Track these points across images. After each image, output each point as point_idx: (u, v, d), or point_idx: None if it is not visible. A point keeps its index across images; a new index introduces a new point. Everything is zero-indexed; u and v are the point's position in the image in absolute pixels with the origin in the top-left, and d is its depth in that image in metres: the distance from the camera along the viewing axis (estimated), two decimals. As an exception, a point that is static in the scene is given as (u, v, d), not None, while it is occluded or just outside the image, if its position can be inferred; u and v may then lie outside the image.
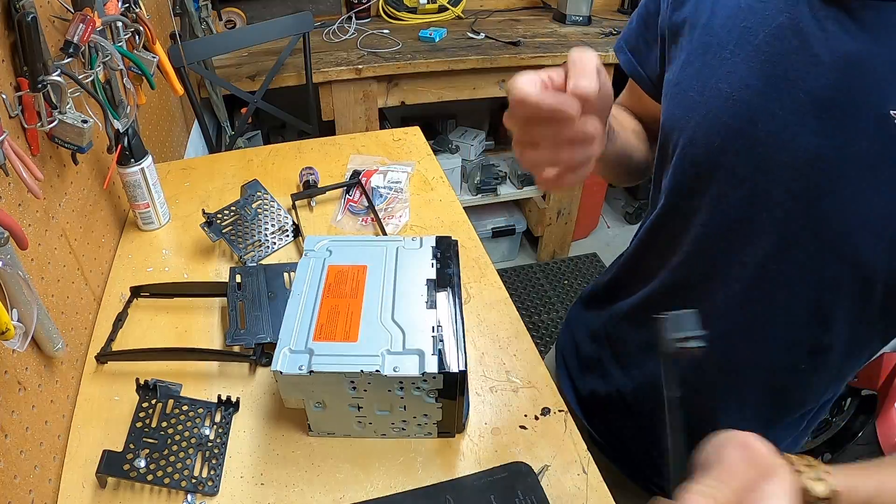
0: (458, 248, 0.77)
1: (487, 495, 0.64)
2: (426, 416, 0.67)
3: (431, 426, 0.68)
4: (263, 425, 0.72)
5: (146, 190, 0.98)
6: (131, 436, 0.68)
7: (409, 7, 2.25)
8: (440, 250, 0.76)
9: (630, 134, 0.75)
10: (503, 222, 2.52)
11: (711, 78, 0.60)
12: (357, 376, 0.62)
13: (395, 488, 0.65)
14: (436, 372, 0.61)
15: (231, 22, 2.07)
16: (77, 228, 0.85)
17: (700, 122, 0.61)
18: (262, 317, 0.81)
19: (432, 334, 0.64)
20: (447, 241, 0.77)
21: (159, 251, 0.99)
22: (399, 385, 0.62)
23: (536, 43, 2.05)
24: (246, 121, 1.83)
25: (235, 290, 0.85)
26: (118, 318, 0.85)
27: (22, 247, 0.58)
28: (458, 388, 0.63)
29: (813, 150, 0.54)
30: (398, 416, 0.67)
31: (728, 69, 0.58)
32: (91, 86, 0.83)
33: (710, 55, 0.60)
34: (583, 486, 0.66)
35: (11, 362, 0.61)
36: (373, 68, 1.90)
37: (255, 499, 0.65)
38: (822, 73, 0.53)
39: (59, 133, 0.75)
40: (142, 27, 0.97)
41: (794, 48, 0.54)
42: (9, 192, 0.65)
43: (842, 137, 0.53)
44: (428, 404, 0.65)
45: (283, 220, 1.02)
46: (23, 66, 0.68)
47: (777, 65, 0.55)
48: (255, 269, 0.88)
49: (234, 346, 0.79)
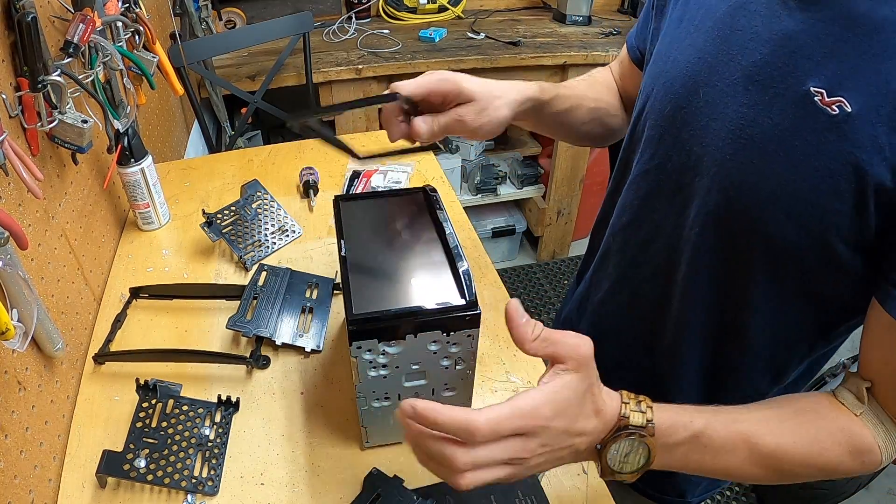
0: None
1: (487, 495, 0.64)
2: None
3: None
4: (263, 425, 0.72)
5: (146, 190, 0.98)
6: (131, 436, 0.67)
7: (409, 7, 2.25)
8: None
9: (579, 105, 0.81)
10: (503, 222, 2.52)
11: (675, 50, 0.64)
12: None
13: (395, 488, 0.65)
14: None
15: (231, 22, 2.07)
16: (77, 228, 0.85)
17: (658, 90, 0.66)
18: (270, 315, 0.81)
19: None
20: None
21: (159, 251, 0.99)
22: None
23: (536, 43, 2.05)
24: (246, 121, 1.83)
25: (256, 283, 0.85)
26: (116, 319, 0.85)
27: (22, 247, 0.58)
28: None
29: (737, 120, 0.57)
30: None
31: (689, 42, 0.62)
32: (91, 86, 0.83)
33: (681, 28, 0.65)
34: (583, 486, 0.66)
35: (11, 362, 0.61)
36: (373, 68, 1.90)
37: (255, 499, 0.65)
38: (757, 48, 0.55)
39: (59, 133, 0.75)
40: (142, 27, 0.97)
41: (742, 25, 0.57)
42: (9, 192, 0.65)
43: (763, 110, 0.55)
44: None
45: (283, 220, 1.03)
46: (23, 66, 0.68)
47: (726, 39, 0.58)
48: (282, 272, 0.88)
49: (233, 330, 0.79)
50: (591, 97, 0.82)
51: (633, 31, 0.81)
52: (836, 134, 0.50)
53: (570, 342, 0.48)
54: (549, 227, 2.47)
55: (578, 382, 0.47)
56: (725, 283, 0.63)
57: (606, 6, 2.41)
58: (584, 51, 1.99)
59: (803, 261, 0.56)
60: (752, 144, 0.55)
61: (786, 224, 0.55)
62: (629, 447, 0.50)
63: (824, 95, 0.50)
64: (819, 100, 0.51)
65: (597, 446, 0.50)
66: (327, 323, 0.84)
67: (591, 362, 0.48)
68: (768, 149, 0.54)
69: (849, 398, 0.55)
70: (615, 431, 0.49)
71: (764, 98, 0.55)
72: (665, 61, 0.66)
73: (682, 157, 0.63)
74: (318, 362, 0.80)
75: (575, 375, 0.47)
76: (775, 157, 0.54)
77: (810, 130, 0.51)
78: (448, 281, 0.59)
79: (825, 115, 0.50)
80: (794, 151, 0.53)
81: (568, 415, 0.47)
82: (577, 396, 0.47)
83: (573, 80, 0.85)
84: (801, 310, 0.61)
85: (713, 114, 0.59)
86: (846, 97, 0.49)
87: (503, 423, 0.44)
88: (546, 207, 2.41)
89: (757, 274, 0.60)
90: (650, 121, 0.67)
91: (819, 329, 0.63)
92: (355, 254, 0.63)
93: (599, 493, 0.66)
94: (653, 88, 0.67)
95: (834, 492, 1.58)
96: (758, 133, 0.55)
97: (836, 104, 0.50)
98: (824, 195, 0.52)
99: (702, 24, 0.61)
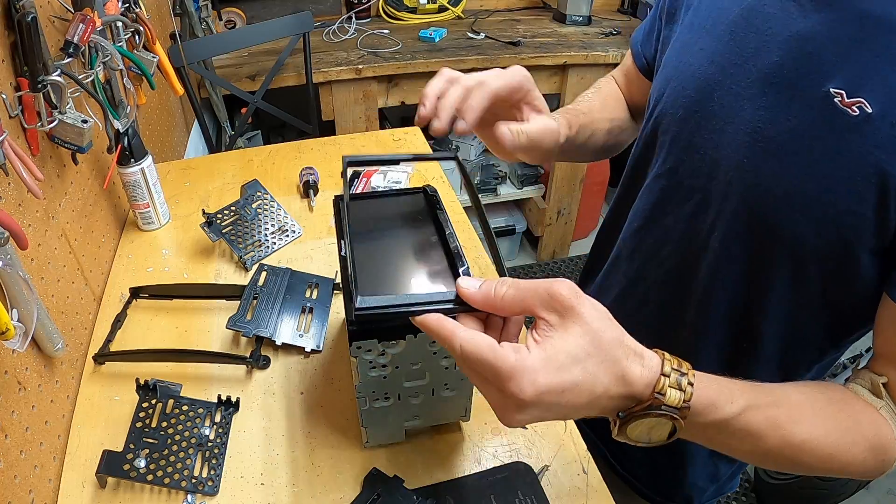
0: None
1: (487, 495, 0.64)
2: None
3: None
4: (263, 425, 0.72)
5: (146, 190, 0.98)
6: (131, 436, 0.67)
7: (409, 7, 2.25)
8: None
9: (597, 130, 0.77)
10: (503, 222, 2.52)
11: (686, 54, 0.64)
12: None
13: (395, 488, 0.65)
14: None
15: (231, 22, 2.07)
16: (77, 228, 0.85)
17: (670, 94, 0.65)
18: (270, 315, 0.81)
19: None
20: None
21: (159, 251, 0.99)
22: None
23: (536, 43, 2.05)
24: (246, 121, 1.83)
25: (256, 283, 0.85)
26: (116, 319, 0.85)
27: (22, 247, 0.58)
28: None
29: (754, 123, 0.56)
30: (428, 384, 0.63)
31: (701, 46, 0.62)
32: (91, 86, 0.83)
33: (692, 33, 0.64)
34: (583, 486, 0.66)
35: (11, 362, 0.61)
36: (373, 68, 1.90)
37: (255, 499, 0.65)
38: (773, 50, 0.55)
39: (59, 133, 0.75)
40: (142, 27, 0.97)
41: (756, 27, 0.57)
42: (9, 192, 0.65)
43: (781, 113, 0.54)
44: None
45: (283, 220, 1.02)
46: (23, 66, 0.68)
47: (739, 42, 0.58)
48: (282, 272, 0.88)
49: (233, 330, 0.79)
50: (605, 118, 0.80)
51: (638, 38, 0.79)
52: (857, 135, 0.49)
53: (541, 289, 0.41)
54: (549, 227, 2.47)
55: (574, 341, 0.40)
56: (745, 289, 0.62)
57: (606, 6, 2.41)
58: (584, 51, 1.99)
59: (824, 266, 0.55)
60: (769, 147, 0.55)
61: (806, 228, 0.54)
62: (655, 423, 0.44)
63: (844, 96, 0.50)
64: (839, 101, 0.50)
65: (619, 414, 0.43)
66: (327, 323, 0.84)
67: (582, 307, 0.41)
68: (787, 151, 0.54)
69: (864, 394, 0.54)
70: (645, 409, 0.42)
71: (781, 100, 0.54)
72: (677, 66, 0.65)
73: (696, 161, 0.62)
74: (318, 362, 0.80)
75: (560, 332, 0.40)
76: (794, 160, 0.53)
77: (830, 132, 0.51)
78: (448, 281, 0.59)
79: (846, 116, 0.50)
80: (813, 154, 0.52)
81: (574, 385, 0.40)
82: (574, 361, 0.39)
83: (586, 100, 0.80)
84: (815, 317, 0.61)
85: (728, 117, 0.58)
86: (866, 98, 0.49)
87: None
88: (546, 207, 2.41)
89: (776, 280, 0.59)
90: (662, 126, 0.66)
91: (830, 336, 0.63)
92: (355, 254, 0.63)
93: (599, 493, 0.66)
94: (664, 93, 0.66)
95: (834, 492, 1.58)
96: (776, 136, 0.54)
97: (856, 105, 0.49)
98: (845, 197, 0.51)
99: (714, 27, 0.61)
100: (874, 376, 0.54)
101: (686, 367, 0.44)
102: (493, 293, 0.44)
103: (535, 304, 0.42)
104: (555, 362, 0.39)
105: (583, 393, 0.40)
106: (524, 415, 0.41)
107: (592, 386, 0.40)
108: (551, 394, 0.39)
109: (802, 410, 0.50)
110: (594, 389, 0.40)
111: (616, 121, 0.81)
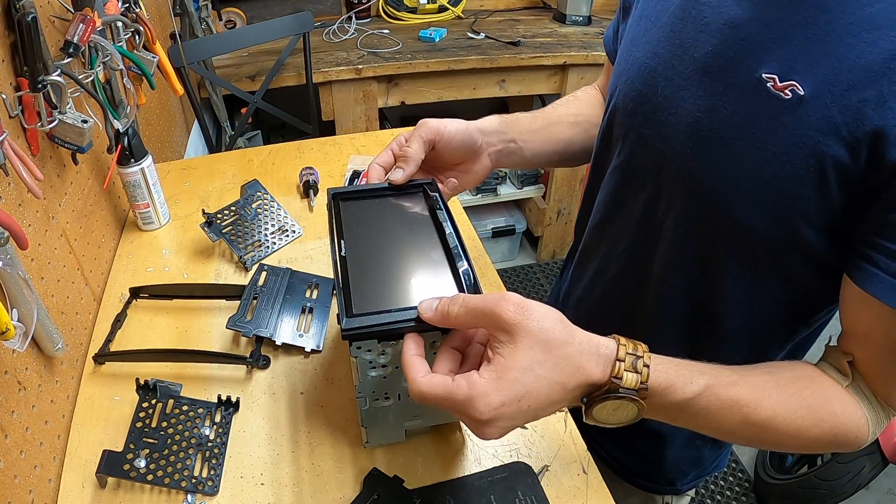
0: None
1: (487, 495, 0.64)
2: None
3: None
4: (263, 425, 0.72)
5: (146, 190, 0.98)
6: (131, 436, 0.68)
7: (409, 7, 2.25)
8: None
9: (558, 121, 0.82)
10: (503, 222, 2.52)
11: (635, 48, 0.65)
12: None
13: (395, 488, 0.65)
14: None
15: (231, 22, 2.07)
16: (77, 228, 0.85)
17: (621, 88, 0.66)
18: (270, 315, 0.81)
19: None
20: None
21: (159, 251, 0.99)
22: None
23: (536, 43, 2.05)
24: (246, 121, 1.83)
25: (256, 283, 0.85)
26: (116, 319, 0.85)
27: (22, 247, 0.58)
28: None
29: (694, 112, 0.57)
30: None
31: (647, 39, 0.63)
32: (91, 86, 0.83)
33: (641, 26, 0.65)
34: (583, 486, 0.66)
35: (11, 362, 0.61)
36: (373, 68, 1.90)
37: (255, 499, 0.65)
38: (708, 38, 0.55)
39: (59, 133, 0.75)
40: (142, 27, 0.97)
41: (693, 17, 0.57)
42: (9, 192, 0.65)
43: (718, 100, 0.55)
44: None
45: (283, 220, 1.03)
46: (23, 66, 0.68)
47: (679, 33, 0.58)
48: (282, 272, 0.88)
49: (233, 330, 0.79)
50: (570, 112, 0.83)
51: (609, 35, 0.80)
52: (791, 118, 0.50)
53: (488, 310, 0.45)
54: (548, 226, 2.47)
55: (524, 353, 0.43)
56: (699, 273, 0.63)
57: (606, 6, 2.41)
58: (584, 51, 2.00)
59: (773, 246, 0.56)
60: (711, 136, 0.55)
61: (752, 212, 0.55)
62: (618, 405, 0.47)
63: (776, 81, 0.50)
64: (771, 85, 0.50)
65: (582, 399, 0.47)
66: (327, 323, 0.84)
67: (528, 321, 0.44)
68: (727, 139, 0.54)
69: (831, 371, 0.55)
70: (604, 393, 0.46)
71: (718, 88, 0.55)
72: (626, 60, 0.66)
73: (646, 153, 0.64)
74: (318, 362, 0.80)
75: (510, 348, 0.44)
76: (735, 147, 0.54)
77: (766, 117, 0.51)
78: (448, 281, 0.59)
79: (778, 100, 0.50)
80: (752, 140, 0.52)
81: (527, 393, 0.44)
82: (524, 372, 0.43)
83: (548, 106, 0.86)
84: (774, 295, 0.61)
85: (671, 108, 0.59)
86: (798, 80, 0.49)
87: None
88: (546, 207, 2.41)
89: (729, 262, 0.60)
90: (616, 119, 0.68)
91: (796, 314, 0.63)
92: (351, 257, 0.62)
93: (599, 493, 0.66)
94: (616, 88, 0.67)
95: (834, 492, 1.58)
96: (716, 124, 0.55)
97: (788, 88, 0.50)
98: (787, 181, 0.51)
99: (657, 19, 0.62)
100: (840, 355, 0.55)
101: (642, 350, 0.47)
102: (447, 313, 0.48)
103: (484, 324, 0.46)
104: (505, 380, 0.43)
105: (540, 395, 0.44)
106: (493, 429, 0.45)
107: (548, 387, 0.44)
108: (509, 406, 0.44)
109: (766, 389, 0.52)
110: (550, 389, 0.44)
111: (582, 116, 0.83)
